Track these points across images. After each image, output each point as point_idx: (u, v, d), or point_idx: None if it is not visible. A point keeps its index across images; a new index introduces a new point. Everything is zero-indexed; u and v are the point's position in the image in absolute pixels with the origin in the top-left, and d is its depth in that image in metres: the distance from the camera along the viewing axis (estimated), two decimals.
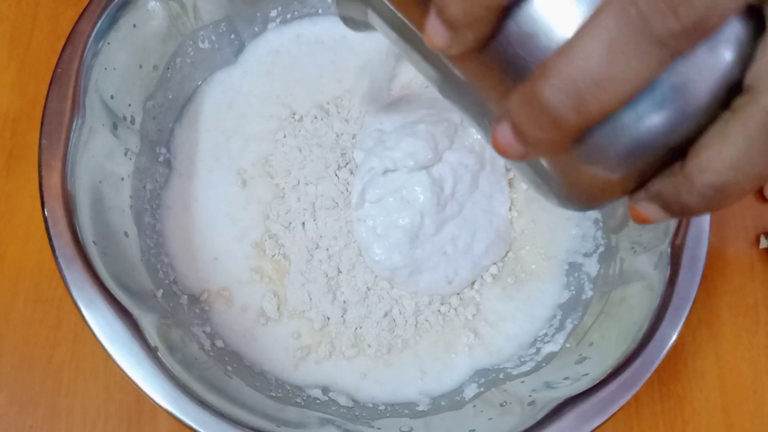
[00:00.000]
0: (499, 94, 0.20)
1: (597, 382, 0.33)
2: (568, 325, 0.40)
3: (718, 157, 0.18)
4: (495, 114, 0.20)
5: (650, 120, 0.18)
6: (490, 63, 0.20)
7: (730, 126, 0.18)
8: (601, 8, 0.17)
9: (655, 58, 0.17)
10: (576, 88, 0.17)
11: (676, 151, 0.19)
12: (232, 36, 0.45)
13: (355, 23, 0.25)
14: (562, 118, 0.17)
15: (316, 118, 0.45)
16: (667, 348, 0.34)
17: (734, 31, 0.18)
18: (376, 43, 0.47)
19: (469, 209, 0.43)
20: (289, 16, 0.47)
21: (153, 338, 0.33)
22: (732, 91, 0.18)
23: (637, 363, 0.33)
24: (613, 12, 0.17)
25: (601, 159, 0.19)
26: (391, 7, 0.22)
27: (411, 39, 0.22)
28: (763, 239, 0.46)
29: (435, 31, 0.19)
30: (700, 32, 0.17)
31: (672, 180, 0.19)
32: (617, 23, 0.16)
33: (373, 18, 0.24)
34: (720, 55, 0.18)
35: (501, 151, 0.19)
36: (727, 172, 0.18)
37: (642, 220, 0.21)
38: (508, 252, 0.44)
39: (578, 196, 0.22)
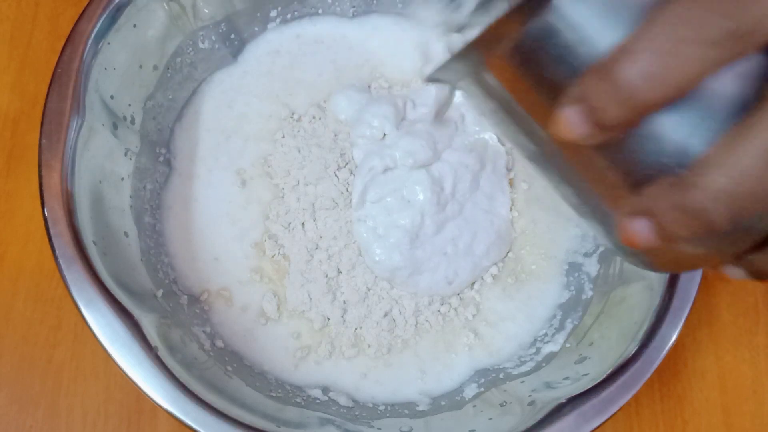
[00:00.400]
0: (627, 188, 0.20)
1: (597, 382, 0.33)
2: (568, 325, 0.40)
3: None
4: (622, 204, 0.21)
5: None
6: (617, 158, 0.20)
7: None
8: (752, 122, 0.18)
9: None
10: (734, 200, 0.17)
11: None
12: (232, 36, 0.45)
13: (441, 82, 0.25)
14: (713, 222, 0.18)
15: (314, 117, 0.45)
16: (667, 348, 0.34)
17: None
18: (377, 42, 0.47)
19: (469, 209, 0.43)
20: (289, 16, 0.47)
21: (153, 338, 0.33)
22: None
23: (637, 363, 0.33)
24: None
25: (706, 244, 0.20)
26: (511, 86, 0.22)
27: (519, 116, 0.22)
28: None
29: (572, 125, 0.19)
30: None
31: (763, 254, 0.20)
32: None
33: (471, 88, 0.24)
34: None
35: (632, 242, 0.20)
36: None
37: (720, 273, 0.22)
38: (508, 252, 0.44)
39: (666, 265, 0.23)
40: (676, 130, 0.19)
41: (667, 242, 0.19)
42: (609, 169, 0.21)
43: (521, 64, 0.21)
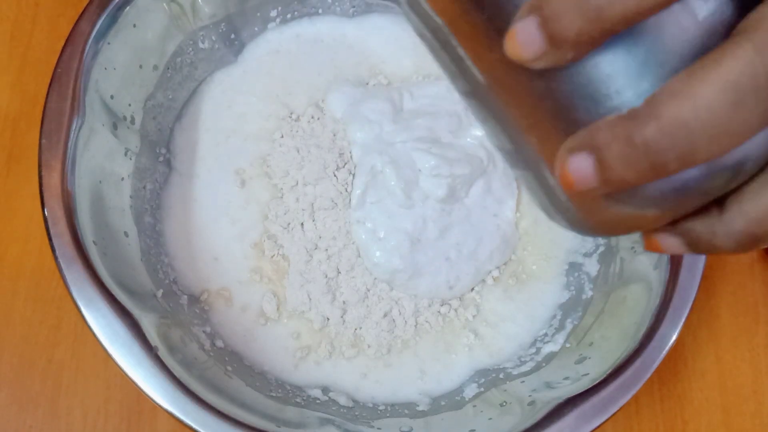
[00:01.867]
0: (578, 121, 0.18)
1: (597, 382, 0.33)
2: (568, 325, 0.40)
3: (761, 206, 0.18)
4: (562, 141, 0.18)
5: (710, 170, 0.18)
6: (575, 85, 0.18)
7: None
8: (719, 54, 0.16)
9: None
10: (688, 134, 0.16)
11: (719, 196, 0.19)
12: (232, 36, 0.45)
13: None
14: (663, 163, 0.16)
15: (313, 117, 0.45)
16: (667, 348, 0.34)
17: None
18: (376, 40, 0.47)
19: (477, 214, 0.42)
20: (289, 16, 0.47)
21: (153, 338, 0.33)
22: None
23: (637, 363, 0.33)
24: (737, 61, 0.16)
25: (646, 200, 0.18)
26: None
27: (449, 47, 0.20)
28: None
29: (527, 41, 0.17)
30: None
31: (708, 222, 0.19)
32: (742, 74, 0.16)
33: (409, 14, 0.21)
34: None
35: (567, 183, 0.18)
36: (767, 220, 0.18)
37: (655, 250, 0.21)
38: (511, 255, 0.44)
39: (597, 226, 0.20)
40: (635, 57, 0.17)
41: (608, 185, 0.17)
42: (553, 103, 0.18)
43: None
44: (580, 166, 0.17)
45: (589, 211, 0.20)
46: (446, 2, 0.19)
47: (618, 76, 0.17)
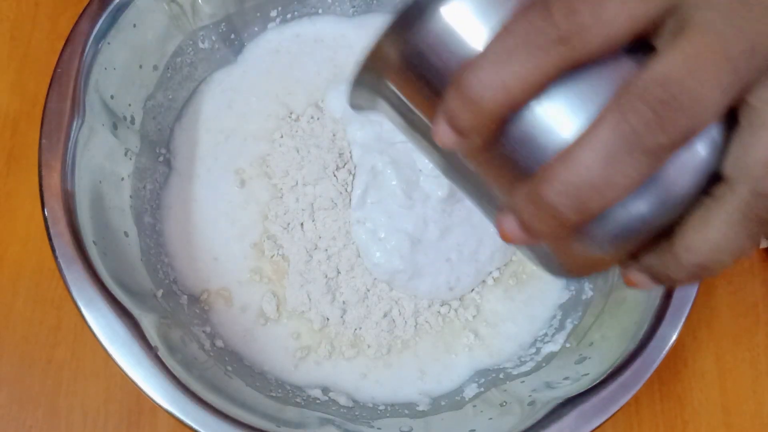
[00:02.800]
0: (504, 187, 0.22)
1: (597, 382, 0.33)
2: (568, 325, 0.40)
3: (702, 240, 0.20)
4: (500, 204, 0.23)
5: (637, 211, 0.20)
6: (495, 160, 0.21)
7: (711, 212, 0.20)
8: (596, 122, 0.19)
9: (646, 166, 0.19)
10: (577, 192, 0.19)
11: (662, 231, 0.21)
12: (232, 36, 0.45)
13: (362, 108, 0.27)
14: (564, 217, 0.19)
15: (312, 117, 0.45)
16: (667, 348, 0.34)
17: (710, 129, 0.20)
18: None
19: (479, 215, 0.42)
20: (289, 16, 0.47)
21: (153, 338, 0.33)
22: (711, 178, 0.20)
23: (637, 363, 0.33)
24: (608, 127, 0.18)
25: (595, 243, 0.21)
26: (405, 101, 0.23)
27: (421, 129, 0.24)
28: (763, 239, 0.46)
29: (444, 134, 0.21)
30: (684, 140, 0.19)
31: (661, 257, 0.21)
32: (612, 137, 0.18)
33: (384, 108, 0.25)
34: (698, 152, 0.20)
35: (505, 238, 0.21)
36: (710, 253, 0.20)
37: (632, 285, 0.23)
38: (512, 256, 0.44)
39: (572, 270, 0.24)
40: (528, 134, 0.20)
41: (534, 237, 0.20)
42: (485, 173, 0.22)
43: (410, 71, 0.22)
44: (509, 226, 0.21)
45: (561, 256, 0.23)
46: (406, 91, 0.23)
47: (523, 147, 0.21)
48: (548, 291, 0.43)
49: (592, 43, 0.19)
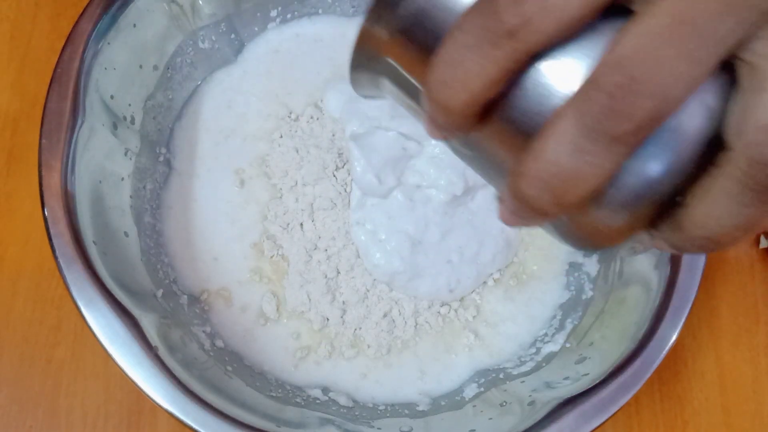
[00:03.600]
0: (498, 172, 0.22)
1: (597, 382, 0.33)
2: (568, 325, 0.40)
3: (705, 213, 0.19)
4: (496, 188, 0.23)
5: (630, 188, 0.19)
6: (484, 148, 0.22)
7: (714, 183, 0.19)
8: (559, 113, 0.18)
9: (616, 154, 0.18)
10: (549, 185, 0.18)
11: (670, 201, 0.20)
12: (232, 36, 0.45)
13: (368, 95, 0.27)
14: (543, 209, 0.19)
15: (312, 117, 0.45)
16: (667, 348, 0.34)
17: (701, 95, 0.18)
18: None
19: (481, 217, 0.42)
20: (289, 15, 0.47)
21: (153, 338, 0.33)
22: (714, 144, 0.19)
23: (637, 363, 0.33)
24: (569, 118, 0.18)
25: (598, 218, 0.21)
26: (405, 75, 0.23)
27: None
28: (763, 239, 0.46)
29: (430, 132, 0.22)
30: (657, 122, 0.17)
31: (670, 229, 0.21)
32: (576, 127, 0.18)
33: (388, 88, 0.25)
34: (686, 123, 0.18)
35: (505, 222, 0.21)
36: (716, 227, 0.19)
37: (660, 249, 0.22)
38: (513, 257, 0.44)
39: (586, 243, 0.23)
40: (505, 125, 0.20)
41: (525, 221, 0.21)
42: (481, 158, 0.22)
43: (401, 47, 0.22)
44: (503, 211, 0.21)
45: (571, 232, 0.23)
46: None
47: (503, 137, 0.20)
48: (548, 291, 0.43)
49: (543, 33, 0.18)
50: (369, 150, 0.41)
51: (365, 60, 0.24)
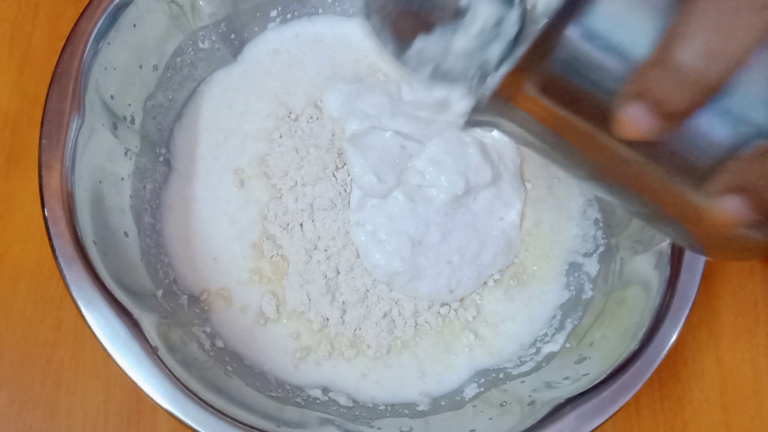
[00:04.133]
0: (704, 173, 0.20)
1: (597, 382, 0.33)
2: (568, 325, 0.40)
3: None
4: (703, 190, 0.21)
5: None
6: (693, 142, 0.20)
7: None
8: None
9: None
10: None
11: None
12: (232, 36, 0.45)
13: (479, 126, 0.26)
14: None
15: (311, 117, 0.45)
16: (667, 348, 0.34)
17: None
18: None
19: (482, 218, 0.42)
20: (289, 15, 0.47)
21: (153, 338, 0.33)
22: None
23: (637, 363, 0.33)
24: None
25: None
26: (554, 113, 0.22)
27: (562, 143, 0.23)
28: None
29: (638, 121, 0.19)
30: None
31: None
32: None
33: (509, 126, 0.24)
34: None
35: (732, 224, 0.20)
36: None
37: None
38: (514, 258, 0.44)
39: (736, 254, 0.23)
40: (749, 98, 0.19)
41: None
42: (679, 159, 0.21)
43: (553, 95, 0.21)
44: (737, 207, 0.19)
45: (727, 241, 0.22)
46: (549, 109, 0.22)
47: (736, 116, 0.19)
48: (548, 291, 0.43)
49: None
50: (366, 149, 0.41)
51: (503, 102, 0.22)
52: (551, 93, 0.21)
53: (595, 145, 0.22)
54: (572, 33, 0.20)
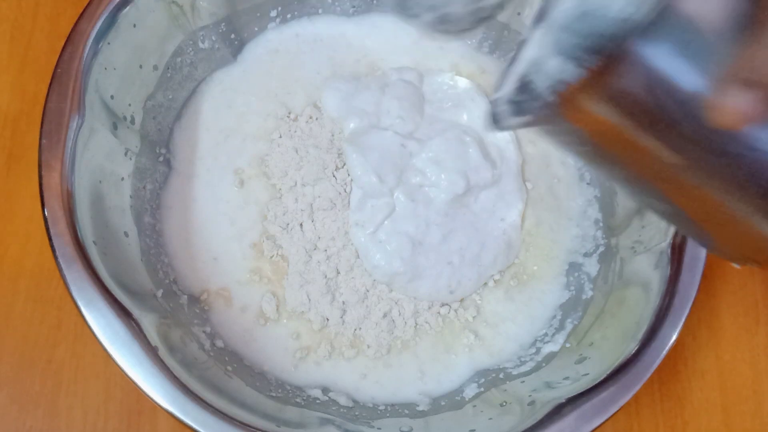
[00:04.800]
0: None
1: (597, 382, 0.33)
2: (568, 325, 0.40)
3: None
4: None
5: None
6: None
7: None
8: None
9: None
10: None
11: None
12: (232, 36, 0.45)
13: (511, 129, 0.24)
14: None
15: (311, 117, 0.45)
16: (667, 348, 0.34)
17: None
18: (375, 39, 0.47)
19: (483, 219, 0.42)
20: (288, 15, 0.47)
21: (153, 338, 0.33)
22: None
23: (637, 363, 0.33)
24: None
25: None
26: (620, 125, 0.20)
27: (609, 153, 0.22)
28: None
29: (742, 105, 0.19)
30: None
31: None
32: None
33: (557, 137, 0.23)
34: None
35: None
36: None
37: None
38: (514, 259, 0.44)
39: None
40: None
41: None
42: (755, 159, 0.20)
43: (614, 111, 0.20)
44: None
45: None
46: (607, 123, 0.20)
47: None
48: (548, 291, 0.43)
49: None
50: (366, 149, 0.41)
51: (563, 120, 0.21)
52: (613, 108, 0.20)
53: (645, 156, 0.21)
54: (652, 49, 0.18)
